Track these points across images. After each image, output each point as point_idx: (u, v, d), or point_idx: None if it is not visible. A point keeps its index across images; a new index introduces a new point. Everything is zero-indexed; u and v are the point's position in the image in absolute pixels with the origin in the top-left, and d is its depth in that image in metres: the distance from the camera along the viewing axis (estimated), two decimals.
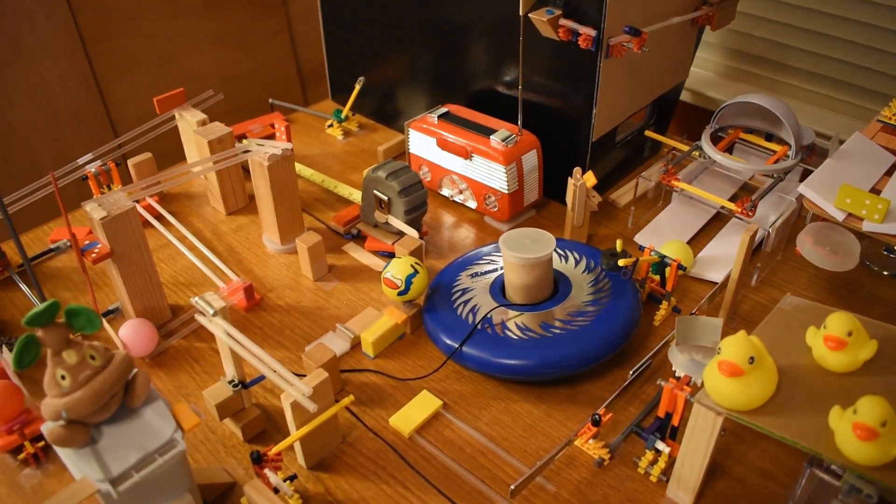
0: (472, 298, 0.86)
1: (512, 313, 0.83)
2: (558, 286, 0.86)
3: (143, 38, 1.52)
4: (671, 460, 0.71)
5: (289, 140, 1.05)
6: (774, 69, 1.35)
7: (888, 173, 0.82)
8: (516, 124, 1.00)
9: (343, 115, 1.24)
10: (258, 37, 1.70)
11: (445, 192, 1.08)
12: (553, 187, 1.06)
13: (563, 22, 0.89)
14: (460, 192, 1.06)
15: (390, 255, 0.98)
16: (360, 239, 1.02)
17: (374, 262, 0.98)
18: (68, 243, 1.02)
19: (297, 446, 0.72)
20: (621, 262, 0.83)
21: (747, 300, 0.91)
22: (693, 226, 1.02)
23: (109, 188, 1.04)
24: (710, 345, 0.73)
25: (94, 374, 0.56)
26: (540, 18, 0.88)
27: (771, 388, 0.59)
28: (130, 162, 1.05)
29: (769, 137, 1.03)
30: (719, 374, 0.59)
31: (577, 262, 0.89)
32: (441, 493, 0.70)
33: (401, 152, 1.21)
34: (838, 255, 0.76)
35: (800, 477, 0.64)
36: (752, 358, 0.58)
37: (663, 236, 0.99)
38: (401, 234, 0.97)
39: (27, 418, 0.76)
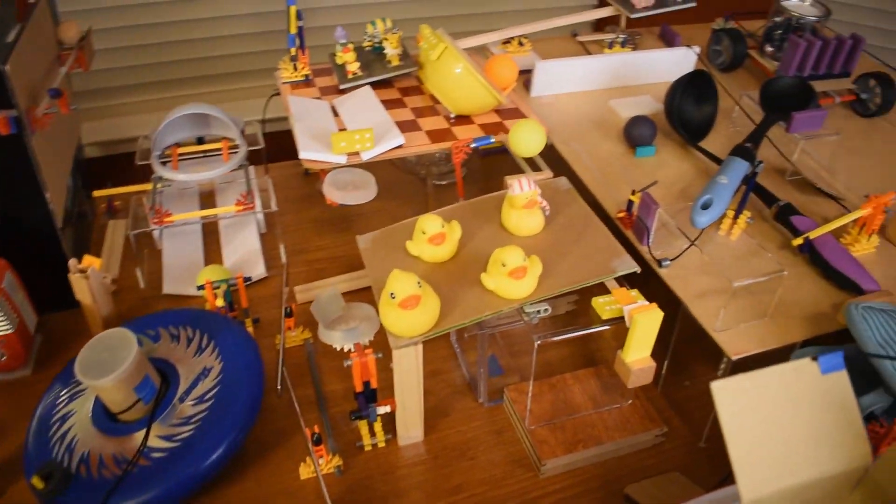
0: (70, 429, 0.70)
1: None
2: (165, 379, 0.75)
3: None
4: (386, 420, 0.74)
5: None
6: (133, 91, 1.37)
7: (335, 114, 0.95)
8: None
9: None
10: None
11: None
12: (48, 301, 0.89)
13: None
14: None
15: None
16: None
17: None
18: None
19: None
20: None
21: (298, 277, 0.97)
22: (197, 247, 1.00)
23: None
24: (341, 312, 0.78)
25: None
26: None
27: (436, 297, 0.67)
28: None
29: (200, 141, 1.06)
30: (407, 312, 0.64)
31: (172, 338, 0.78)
32: None
33: None
34: (360, 189, 0.86)
35: (479, 346, 0.76)
36: (419, 282, 0.64)
37: (181, 276, 0.95)
38: None
39: None
